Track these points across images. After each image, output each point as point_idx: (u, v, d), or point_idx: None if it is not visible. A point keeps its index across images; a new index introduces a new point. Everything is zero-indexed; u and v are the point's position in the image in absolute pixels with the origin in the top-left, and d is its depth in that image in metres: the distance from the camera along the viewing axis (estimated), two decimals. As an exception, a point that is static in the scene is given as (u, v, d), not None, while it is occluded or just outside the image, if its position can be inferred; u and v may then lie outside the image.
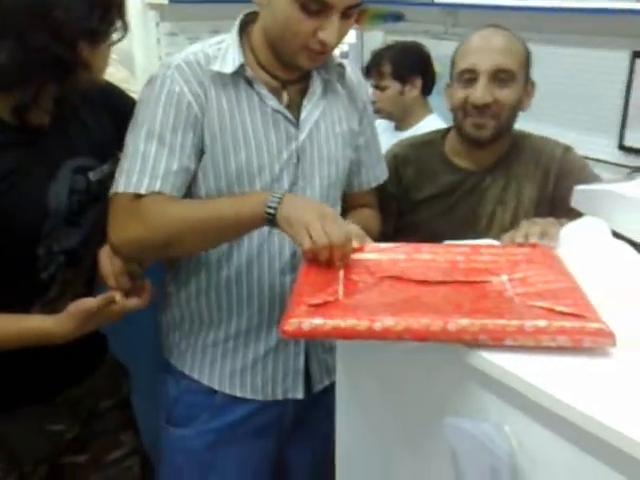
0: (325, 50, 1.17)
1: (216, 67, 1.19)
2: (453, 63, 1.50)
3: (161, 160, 1.16)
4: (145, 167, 1.15)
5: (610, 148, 2.51)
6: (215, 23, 2.96)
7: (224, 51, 1.21)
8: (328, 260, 1.01)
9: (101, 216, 1.22)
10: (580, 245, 1.10)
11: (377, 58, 2.57)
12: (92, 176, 1.22)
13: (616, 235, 1.12)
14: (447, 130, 1.61)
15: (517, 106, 1.47)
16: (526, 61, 1.47)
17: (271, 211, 1.05)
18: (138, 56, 3.12)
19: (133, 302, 1.19)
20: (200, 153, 1.20)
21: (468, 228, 1.46)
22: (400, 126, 2.55)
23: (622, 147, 2.49)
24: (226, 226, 1.12)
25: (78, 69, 1.11)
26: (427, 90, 2.55)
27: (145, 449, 1.47)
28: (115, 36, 1.16)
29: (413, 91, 2.51)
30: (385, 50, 2.60)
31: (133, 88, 1.89)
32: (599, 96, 2.55)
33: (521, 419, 0.80)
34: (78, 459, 1.36)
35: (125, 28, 1.16)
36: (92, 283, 1.30)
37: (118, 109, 1.30)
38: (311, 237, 0.99)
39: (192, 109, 1.17)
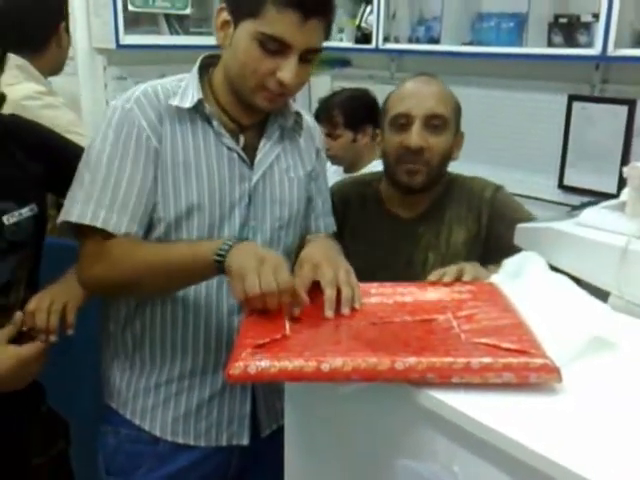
0: (283, 92, 1.18)
1: (175, 102, 1.20)
2: (385, 110, 1.52)
3: (119, 192, 1.16)
4: (103, 199, 1.16)
5: (550, 187, 2.59)
6: (162, 67, 2.97)
7: (184, 88, 1.22)
8: (264, 308, 1.00)
9: (25, 261, 1.19)
10: (521, 279, 1.12)
11: (327, 106, 2.60)
12: (7, 219, 1.19)
13: (555, 270, 1.14)
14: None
15: (448, 154, 1.49)
16: (457, 110, 1.50)
17: (219, 259, 1.05)
18: (85, 100, 3.11)
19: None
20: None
21: (404, 276, 1.46)
22: (349, 170, 2.59)
23: (562, 186, 2.57)
24: (184, 270, 1.13)
25: None
26: (376, 135, 2.59)
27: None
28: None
29: (365, 139, 2.56)
30: (334, 98, 2.63)
31: (80, 131, 1.87)
32: (539, 138, 2.64)
33: (470, 458, 0.79)
34: None
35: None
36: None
37: (54, 154, 1.29)
38: (244, 288, 0.99)
39: (151, 142, 1.18)
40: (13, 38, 1.16)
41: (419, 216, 1.52)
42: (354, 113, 2.56)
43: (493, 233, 1.46)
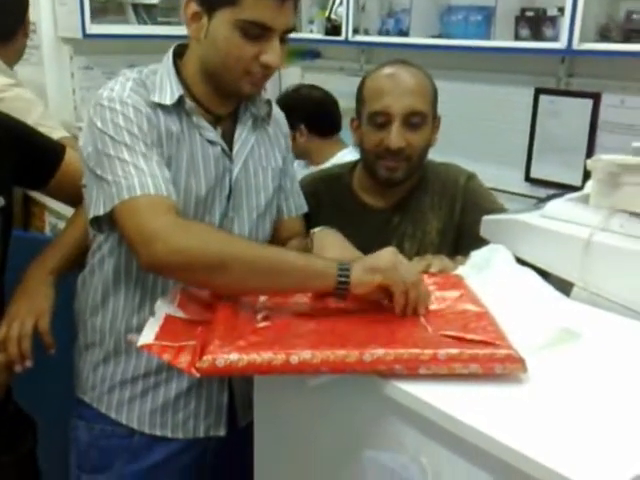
0: (267, 73, 1.19)
1: (155, 98, 1.17)
2: (362, 100, 1.49)
3: (154, 167, 1.10)
4: (143, 174, 1.09)
5: (517, 180, 2.62)
6: (130, 57, 2.94)
7: (160, 82, 1.20)
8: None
9: None
10: (487, 272, 1.13)
11: None
12: None
13: (521, 262, 1.16)
14: (354, 164, 1.61)
15: (428, 145, 1.48)
16: (434, 97, 1.48)
17: (343, 279, 1.00)
18: (51, 90, 3.06)
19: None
20: None
21: None
22: (310, 165, 2.58)
23: (528, 179, 2.60)
24: (289, 271, 1.03)
25: None
26: (327, 131, 2.58)
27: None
28: None
29: (302, 137, 2.54)
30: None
31: (50, 124, 1.84)
32: (506, 131, 2.66)
33: (438, 450, 0.80)
34: None
35: None
36: None
37: (24, 147, 1.27)
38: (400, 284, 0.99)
39: (153, 129, 1.14)
40: None
41: (394, 206, 1.52)
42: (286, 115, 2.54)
43: (466, 220, 1.46)
